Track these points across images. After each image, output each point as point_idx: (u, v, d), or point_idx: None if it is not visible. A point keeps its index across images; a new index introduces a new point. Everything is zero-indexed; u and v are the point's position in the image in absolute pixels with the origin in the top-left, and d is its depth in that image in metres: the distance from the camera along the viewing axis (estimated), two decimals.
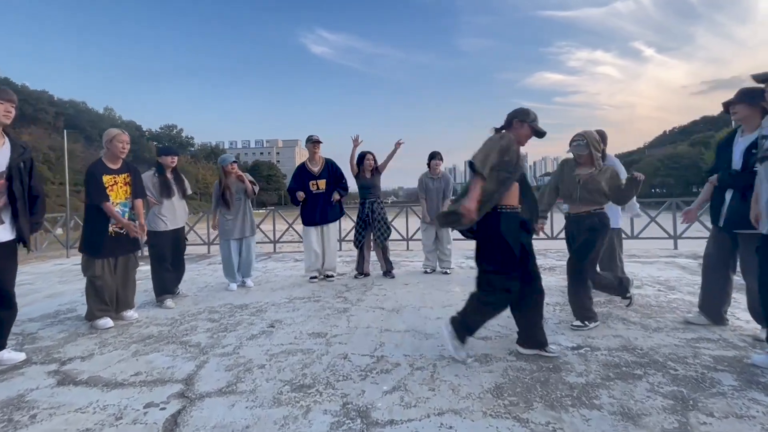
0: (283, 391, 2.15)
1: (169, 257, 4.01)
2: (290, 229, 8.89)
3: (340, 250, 8.23)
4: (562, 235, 7.61)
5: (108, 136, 3.37)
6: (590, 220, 3.01)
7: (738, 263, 2.87)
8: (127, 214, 3.39)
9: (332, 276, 4.98)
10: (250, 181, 4.63)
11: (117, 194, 3.35)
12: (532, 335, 2.55)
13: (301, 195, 4.84)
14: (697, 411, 1.85)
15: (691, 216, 3.19)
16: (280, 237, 8.80)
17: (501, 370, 2.33)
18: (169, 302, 3.89)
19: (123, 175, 3.41)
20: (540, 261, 5.62)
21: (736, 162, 2.75)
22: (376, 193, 5.09)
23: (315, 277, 4.88)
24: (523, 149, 2.75)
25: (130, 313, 3.52)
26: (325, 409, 1.96)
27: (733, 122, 3.17)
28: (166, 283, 3.97)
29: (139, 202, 3.53)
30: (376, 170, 5.08)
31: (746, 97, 2.69)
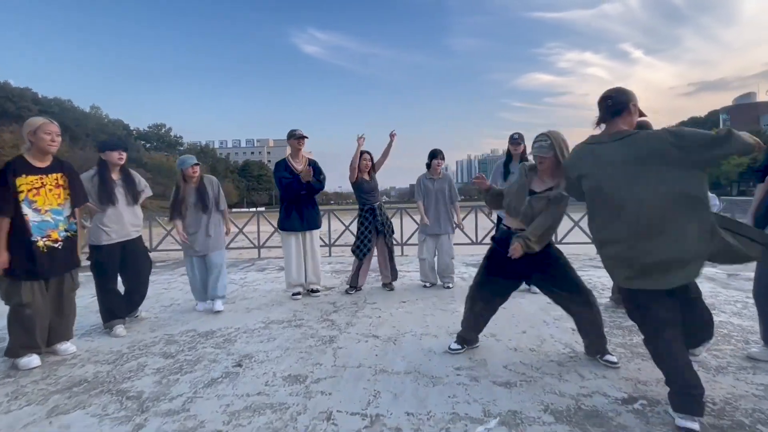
0: None
1: (116, 276, 3.34)
2: (277, 232, 8.21)
3: (329, 255, 7.61)
4: (568, 239, 7.15)
5: (31, 127, 2.67)
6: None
7: None
8: (62, 224, 2.74)
9: (318, 291, 4.34)
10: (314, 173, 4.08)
11: (45, 199, 2.68)
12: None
13: (308, 172, 4.08)
14: None
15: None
16: (265, 241, 8.13)
17: None
18: (119, 329, 3.22)
19: (54, 176, 2.75)
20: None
21: None
22: (377, 196, 4.52)
23: (298, 293, 4.23)
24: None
25: (66, 346, 2.85)
26: None
27: (721, 123, 2.76)
28: (114, 306, 3.29)
29: (78, 212, 2.88)
30: (373, 169, 4.49)
31: None
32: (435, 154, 4.49)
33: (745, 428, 1.77)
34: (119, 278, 3.40)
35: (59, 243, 2.72)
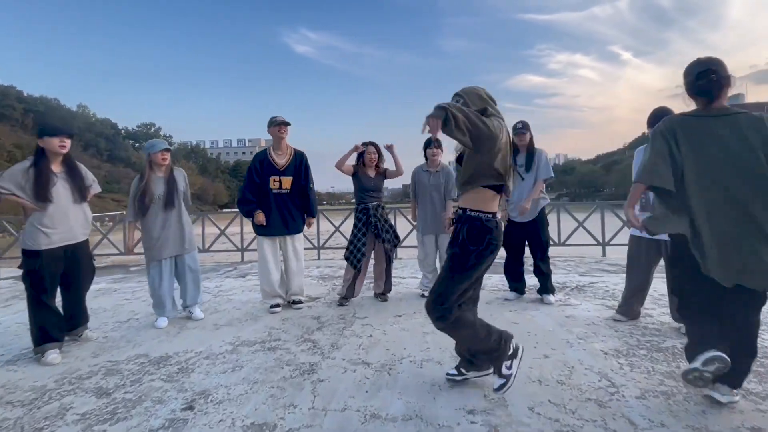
0: None
1: (55, 287, 2.75)
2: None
3: (318, 258, 7.04)
4: (571, 240, 6.66)
5: None
6: None
7: None
8: None
9: (300, 302, 3.77)
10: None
11: None
12: None
13: (260, 218, 3.58)
14: None
15: None
16: (249, 244, 7.53)
17: None
18: (51, 356, 2.63)
19: None
20: (560, 277, 4.46)
21: None
22: (379, 197, 3.95)
23: (277, 305, 3.66)
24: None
25: None
26: None
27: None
28: (49, 326, 2.68)
29: None
30: (378, 167, 3.95)
31: None
32: (429, 143, 3.95)
33: None
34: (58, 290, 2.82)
35: None
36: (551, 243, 4.70)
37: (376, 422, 1.83)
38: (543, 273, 3.71)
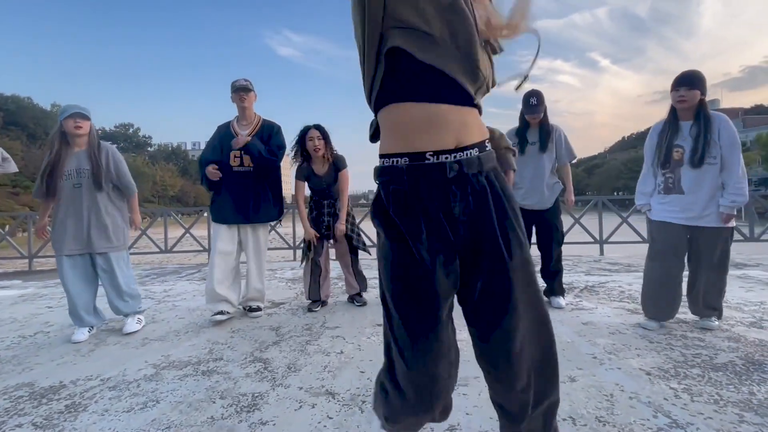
0: None
1: None
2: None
3: (294, 259, 6.34)
4: (567, 238, 6.09)
5: None
6: None
7: None
8: None
9: (259, 309, 3.08)
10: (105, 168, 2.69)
11: None
12: None
13: (213, 172, 2.95)
14: None
15: None
16: None
17: None
18: None
19: None
20: (568, 277, 3.91)
21: None
22: (331, 194, 3.22)
23: (221, 313, 2.89)
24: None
25: None
26: None
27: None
28: None
29: None
30: (331, 163, 3.19)
31: None
32: None
33: None
34: None
35: None
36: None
37: None
38: (553, 272, 3.11)
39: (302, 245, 3.24)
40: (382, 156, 0.96)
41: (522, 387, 0.94)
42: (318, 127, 3.12)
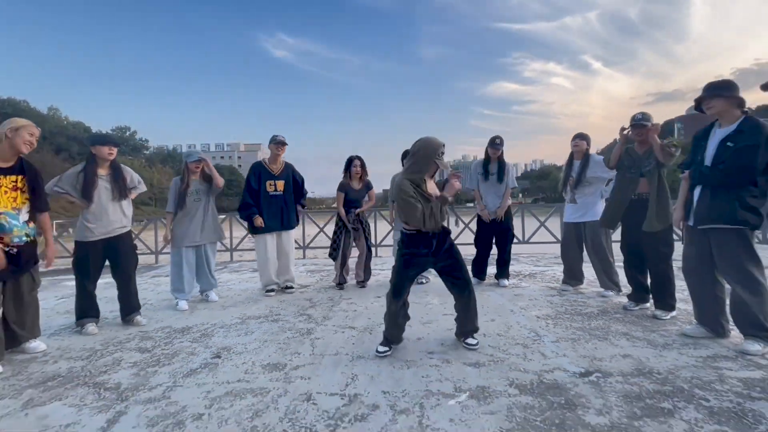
0: None
1: (97, 274, 3.28)
2: (249, 235, 8.15)
3: (303, 257, 7.63)
4: (534, 239, 7.45)
5: (14, 125, 2.59)
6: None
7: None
8: (17, 229, 2.55)
9: (292, 288, 4.40)
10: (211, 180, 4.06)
11: None
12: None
13: (259, 222, 4.22)
14: None
15: (677, 219, 2.87)
16: (238, 244, 8.07)
17: (504, 410, 1.87)
18: (90, 328, 3.18)
19: (11, 177, 2.61)
20: (518, 267, 5.28)
21: (709, 156, 2.58)
22: (358, 204, 4.61)
23: (272, 290, 4.29)
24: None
25: (35, 344, 2.79)
26: None
27: (675, 132, 3.19)
28: (86, 306, 3.24)
29: (44, 218, 2.81)
30: (364, 184, 4.63)
31: (720, 90, 2.55)
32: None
33: (684, 392, 1.99)
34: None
35: (12, 248, 2.55)
36: (517, 241, 5.47)
37: (361, 361, 2.49)
38: (505, 261, 4.46)
39: (332, 249, 4.59)
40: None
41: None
42: (359, 158, 4.55)
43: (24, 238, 2.62)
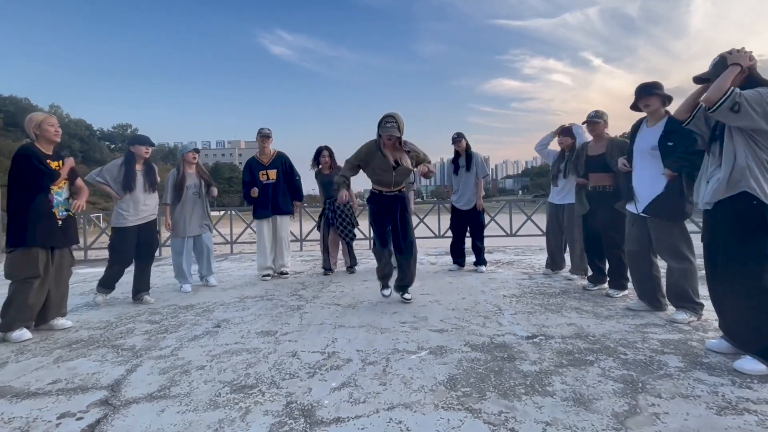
0: (221, 393, 1.97)
1: (131, 258, 3.74)
2: (248, 229, 8.53)
3: (300, 250, 8.01)
4: (522, 231, 7.83)
5: (34, 121, 2.99)
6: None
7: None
8: (62, 205, 3.03)
9: (286, 273, 4.79)
10: (207, 181, 4.45)
11: None
12: None
13: (254, 191, 4.66)
14: (646, 393, 1.85)
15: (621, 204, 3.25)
16: (237, 238, 8.45)
17: (455, 362, 2.26)
18: (98, 299, 3.77)
19: (56, 163, 3.05)
20: (499, 256, 5.69)
21: (645, 147, 2.92)
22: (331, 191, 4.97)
23: (268, 275, 4.67)
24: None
25: (62, 322, 3.11)
26: (266, 410, 1.80)
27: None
28: (110, 281, 3.77)
29: (78, 181, 3.23)
30: (334, 171, 4.94)
31: (654, 89, 2.88)
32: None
33: (609, 349, 2.37)
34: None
35: (60, 221, 3.01)
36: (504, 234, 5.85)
37: (341, 329, 2.88)
38: (479, 248, 4.83)
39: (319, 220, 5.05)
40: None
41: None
42: (327, 148, 4.95)
43: (64, 213, 3.05)
